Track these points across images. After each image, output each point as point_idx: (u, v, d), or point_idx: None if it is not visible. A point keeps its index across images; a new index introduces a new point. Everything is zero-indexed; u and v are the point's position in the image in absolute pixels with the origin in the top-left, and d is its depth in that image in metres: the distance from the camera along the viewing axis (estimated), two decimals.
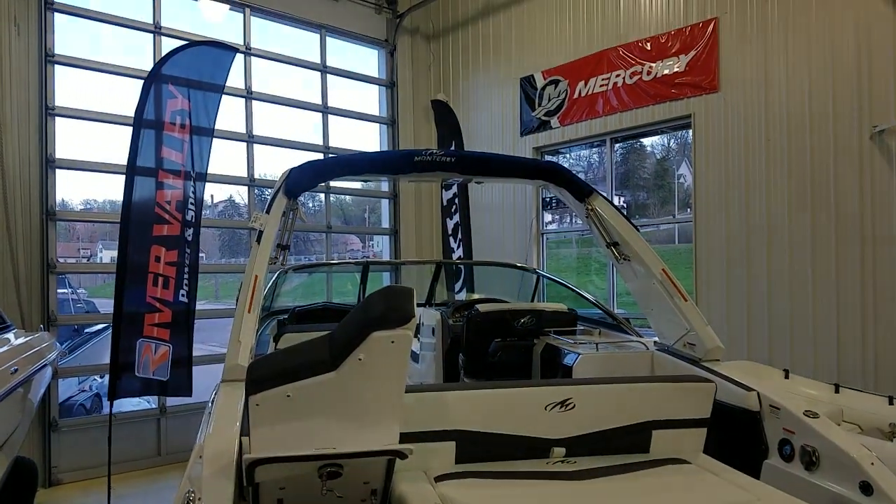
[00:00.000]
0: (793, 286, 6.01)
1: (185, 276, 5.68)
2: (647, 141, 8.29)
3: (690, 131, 6.88)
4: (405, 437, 2.27)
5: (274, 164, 9.03)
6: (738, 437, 3.16)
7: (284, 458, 2.11)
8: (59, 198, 6.70)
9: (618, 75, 7.44)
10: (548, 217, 8.79)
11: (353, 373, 2.12)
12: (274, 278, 5.27)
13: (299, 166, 3.51)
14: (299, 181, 3.44)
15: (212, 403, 2.89)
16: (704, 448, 3.00)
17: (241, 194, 9.17)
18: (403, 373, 2.18)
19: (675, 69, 6.90)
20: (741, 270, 6.38)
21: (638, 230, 3.70)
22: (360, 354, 2.09)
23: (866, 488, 2.55)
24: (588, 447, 2.89)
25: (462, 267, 8.00)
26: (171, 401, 7.00)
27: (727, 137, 6.51)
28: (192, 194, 5.76)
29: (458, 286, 8.00)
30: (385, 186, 9.68)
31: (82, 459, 6.52)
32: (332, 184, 8.87)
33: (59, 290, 6.99)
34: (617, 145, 7.98)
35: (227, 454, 2.26)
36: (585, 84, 7.78)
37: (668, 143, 8.50)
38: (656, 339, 3.97)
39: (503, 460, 2.82)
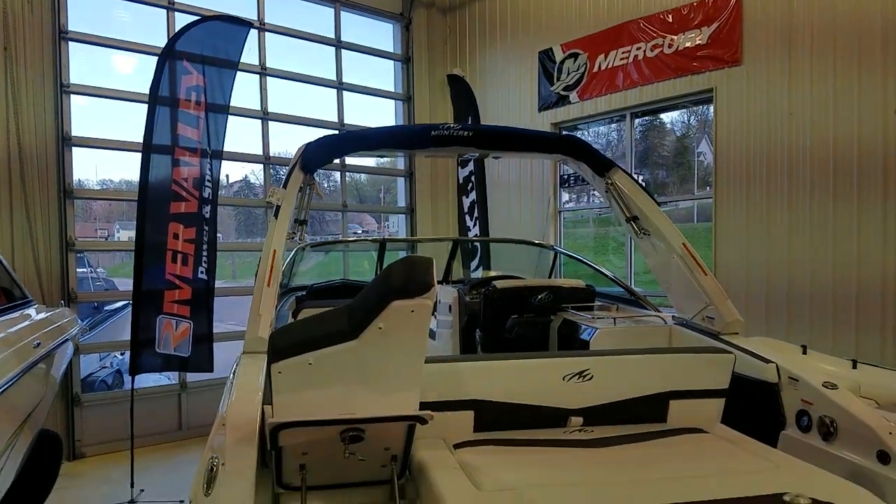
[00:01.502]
0: (814, 265, 5.93)
1: (204, 253, 5.72)
2: (666, 118, 8.18)
3: (712, 106, 6.76)
4: (424, 407, 2.29)
5: (289, 142, 9.04)
6: (755, 408, 3.17)
7: (307, 423, 2.14)
8: (75, 178, 6.74)
9: (638, 48, 7.30)
10: (565, 197, 8.72)
11: (374, 341, 2.12)
12: (291, 255, 5.28)
13: (315, 141, 3.51)
14: (315, 156, 3.43)
15: (233, 375, 2.92)
16: (722, 420, 3.01)
17: (256, 174, 9.20)
18: (423, 341, 2.18)
19: (697, 42, 6.77)
20: (761, 249, 6.31)
21: (658, 204, 3.66)
22: (380, 323, 2.09)
23: (884, 457, 2.55)
24: (605, 417, 2.90)
25: (478, 245, 7.98)
26: (192, 377, 7.08)
27: (749, 112, 6.40)
28: (208, 171, 5.78)
29: (474, 264, 7.98)
30: (401, 164, 9.65)
31: (105, 433, 6.63)
32: (348, 162, 8.86)
33: (78, 270, 7.07)
34: (637, 120, 7.87)
35: (249, 422, 2.29)
36: (605, 57, 7.65)
37: (689, 120, 8.39)
38: (674, 313, 3.96)
39: (521, 429, 2.83)
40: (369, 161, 9.74)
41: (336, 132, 8.24)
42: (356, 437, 2.20)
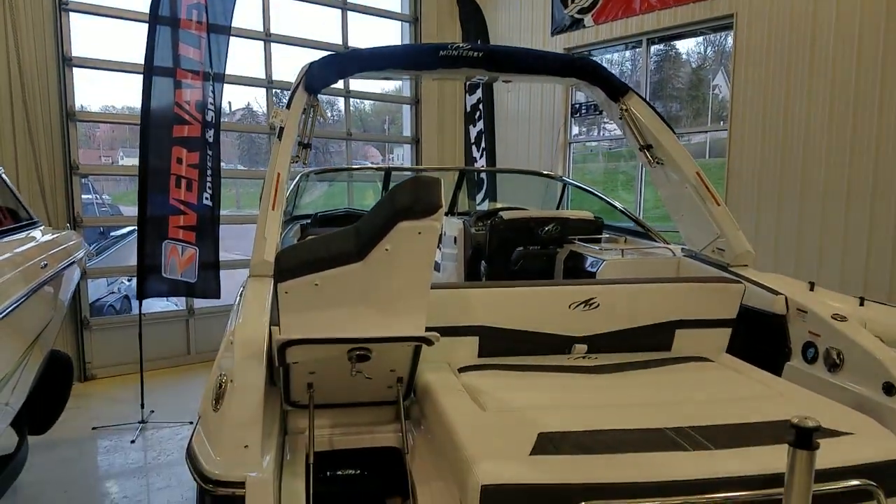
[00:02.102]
0: (825, 200, 5.83)
1: (208, 179, 5.68)
2: (682, 48, 7.92)
3: (731, 36, 6.52)
4: (430, 332, 2.28)
5: (292, 68, 8.80)
6: (760, 340, 3.17)
7: (314, 340, 2.13)
8: (78, 104, 6.62)
9: None
10: (575, 129, 8.54)
11: (380, 263, 2.09)
12: (295, 182, 5.22)
13: (319, 60, 3.40)
14: (320, 75, 3.33)
15: (240, 297, 2.92)
16: (726, 351, 3.03)
17: (258, 101, 9.00)
18: (430, 263, 2.15)
19: None
20: (774, 185, 6.20)
21: (673, 131, 3.56)
22: (386, 245, 2.06)
23: (889, 389, 2.55)
24: (609, 345, 2.92)
25: (485, 176, 7.87)
26: (199, 303, 7.15)
27: (770, 42, 6.16)
28: (210, 94, 5.66)
29: (480, 196, 7.91)
30: (407, 91, 9.43)
31: (115, 357, 6.75)
32: (352, 87, 8.66)
33: (83, 196, 7.04)
34: (653, 48, 7.61)
35: (257, 341, 2.29)
36: None
37: (705, 51, 8.13)
38: (684, 246, 3.92)
39: (525, 356, 2.85)
40: (375, 87, 9.51)
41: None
42: (363, 357, 2.21)
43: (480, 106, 8.32)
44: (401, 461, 2.58)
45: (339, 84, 8.32)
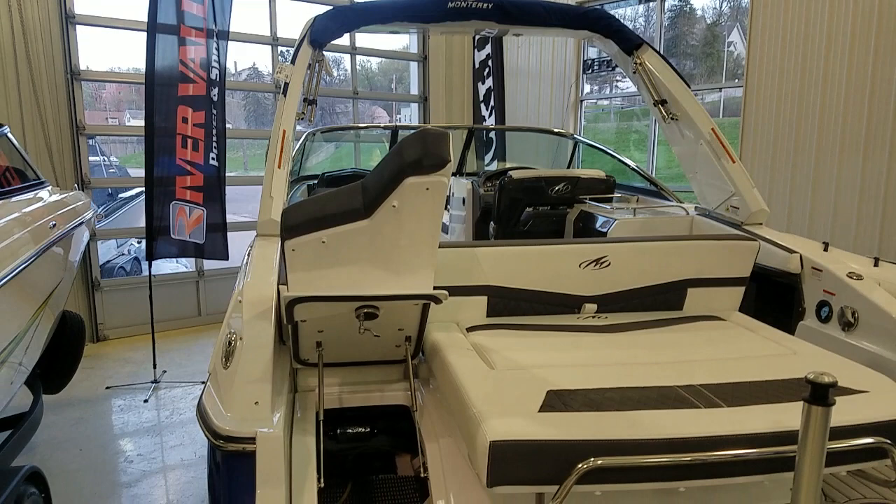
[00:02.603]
0: (841, 159, 5.71)
1: (214, 139, 5.63)
2: (697, 3, 7.72)
3: None
4: (438, 290, 2.25)
5: (298, 24, 8.63)
6: (773, 300, 3.13)
7: (322, 298, 2.11)
8: (83, 65, 6.54)
9: None
10: (587, 88, 8.38)
11: (387, 220, 2.06)
12: (301, 142, 5.17)
13: (324, 13, 3.33)
14: (325, 29, 3.26)
15: (248, 257, 2.90)
16: (738, 310, 2.99)
17: (264, 62, 8.87)
18: (438, 220, 2.11)
19: None
20: (789, 144, 6.06)
21: (688, 86, 3.47)
22: (393, 201, 2.02)
23: None
24: (620, 304, 2.89)
25: (493, 136, 7.77)
26: (209, 265, 7.16)
27: None
28: (215, 52, 5.57)
29: (488, 157, 7.81)
30: (413, 48, 9.26)
31: (126, 318, 6.80)
32: (358, 44, 8.50)
33: (91, 158, 7.01)
34: (668, 3, 7.39)
35: (265, 300, 2.28)
36: None
37: (720, 6, 7.92)
38: (697, 204, 3.87)
39: (534, 315, 2.82)
40: (381, 44, 9.33)
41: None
42: (370, 315, 2.19)
43: (489, 62, 8.15)
44: (409, 419, 2.59)
45: (345, 41, 8.18)
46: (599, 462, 1.70)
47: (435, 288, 2.20)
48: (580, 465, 1.69)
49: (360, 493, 2.60)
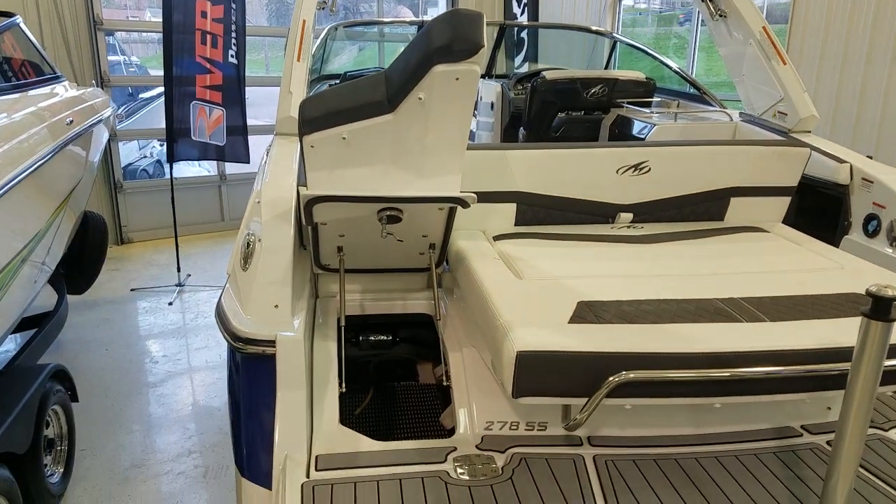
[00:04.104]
0: (892, 70, 5.31)
1: (233, 35, 5.43)
2: None
3: None
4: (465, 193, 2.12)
5: None
6: (816, 212, 2.97)
7: (342, 198, 2.00)
8: None
9: None
10: None
11: (413, 114, 1.89)
12: (322, 36, 4.92)
13: None
14: None
15: (266, 156, 2.78)
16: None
17: None
18: (468, 116, 1.94)
19: None
20: (838, 49, 5.63)
21: None
22: (420, 93, 1.84)
23: None
24: (657, 214, 2.74)
25: (525, 36, 7.35)
26: (230, 169, 7.09)
27: None
28: None
29: (519, 59, 7.44)
30: None
31: (150, 221, 6.80)
32: None
33: (110, 57, 6.82)
34: None
35: (284, 201, 2.18)
36: None
37: None
38: (742, 110, 3.64)
39: (564, 224, 2.69)
40: None
41: None
42: (393, 217, 2.08)
43: None
44: (432, 328, 2.53)
45: None
46: (631, 375, 1.61)
47: (462, 191, 2.06)
48: (611, 378, 1.61)
49: (381, 400, 2.58)
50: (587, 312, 1.85)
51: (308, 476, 1.74)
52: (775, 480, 1.74)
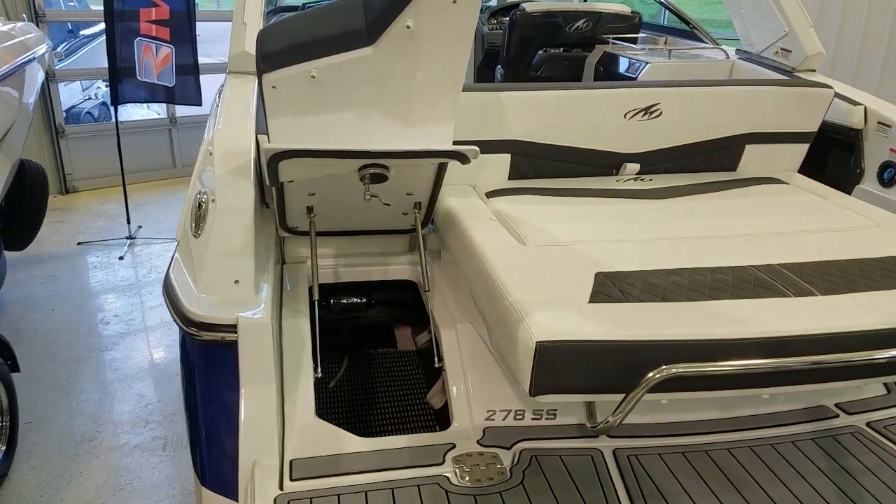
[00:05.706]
0: None
1: None
2: None
3: None
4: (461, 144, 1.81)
5: None
6: (828, 158, 2.75)
7: (313, 153, 1.64)
8: None
9: None
10: None
11: (398, 47, 1.56)
12: None
13: None
14: None
15: (218, 97, 2.43)
16: None
17: None
18: (465, 50, 1.62)
19: None
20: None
21: None
22: (407, 20, 1.51)
23: None
24: (665, 164, 2.48)
25: None
26: (181, 112, 6.61)
27: None
28: None
29: None
30: None
31: (96, 168, 6.32)
32: None
33: None
34: None
35: (241, 152, 1.84)
36: None
37: None
38: (738, 47, 3.38)
39: (563, 177, 2.41)
40: None
41: None
42: (379, 176, 1.75)
43: None
44: (412, 291, 2.26)
45: None
46: (674, 370, 1.32)
47: (456, 143, 1.75)
48: (651, 374, 1.32)
49: (357, 369, 2.34)
50: (610, 287, 1.58)
51: (282, 488, 1.48)
52: (818, 473, 1.55)
